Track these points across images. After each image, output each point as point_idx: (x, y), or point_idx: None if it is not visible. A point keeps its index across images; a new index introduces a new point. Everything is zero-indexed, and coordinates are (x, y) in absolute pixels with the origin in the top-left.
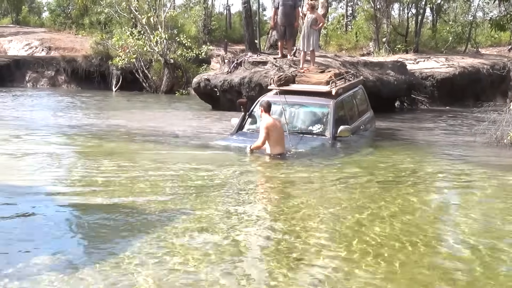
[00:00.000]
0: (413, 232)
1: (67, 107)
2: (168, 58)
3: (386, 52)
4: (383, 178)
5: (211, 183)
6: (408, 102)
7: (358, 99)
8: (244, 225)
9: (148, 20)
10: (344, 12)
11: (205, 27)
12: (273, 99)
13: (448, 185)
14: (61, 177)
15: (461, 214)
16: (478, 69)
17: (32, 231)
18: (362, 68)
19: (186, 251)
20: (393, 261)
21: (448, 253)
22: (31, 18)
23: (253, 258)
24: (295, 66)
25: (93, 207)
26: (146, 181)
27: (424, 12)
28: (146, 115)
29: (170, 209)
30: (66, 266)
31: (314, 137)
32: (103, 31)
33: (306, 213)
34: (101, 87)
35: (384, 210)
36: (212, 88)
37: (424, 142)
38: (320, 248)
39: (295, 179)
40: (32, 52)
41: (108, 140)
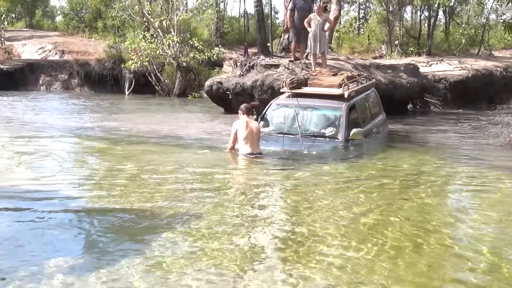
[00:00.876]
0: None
1: (79, 110)
2: (180, 61)
3: (398, 55)
4: (395, 180)
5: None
6: (420, 105)
7: (370, 102)
8: (260, 227)
9: (161, 23)
10: (356, 15)
11: (217, 30)
12: (285, 102)
13: (461, 188)
14: (68, 179)
15: (474, 218)
16: (491, 71)
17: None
18: (374, 70)
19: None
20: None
21: (461, 255)
22: (45, 22)
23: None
24: (307, 69)
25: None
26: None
27: (437, 14)
28: (159, 118)
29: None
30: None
31: (327, 140)
32: (116, 34)
33: (318, 215)
34: (114, 90)
35: (396, 211)
36: (225, 91)
37: (437, 145)
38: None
39: (305, 181)
40: (45, 56)
41: (120, 143)
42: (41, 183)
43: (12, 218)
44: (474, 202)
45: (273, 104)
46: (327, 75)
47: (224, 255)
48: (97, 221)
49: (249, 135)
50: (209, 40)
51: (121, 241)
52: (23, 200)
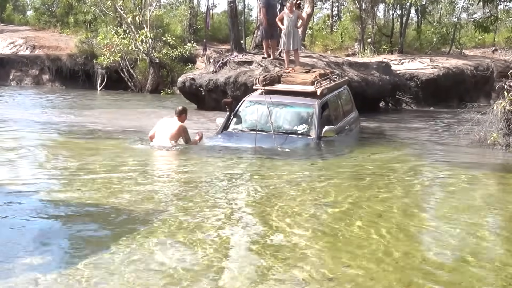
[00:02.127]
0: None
1: (42, 105)
2: (153, 57)
3: (371, 53)
4: (365, 177)
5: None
6: (392, 103)
7: (343, 99)
8: (229, 223)
9: (134, 19)
10: (329, 12)
11: (190, 26)
12: (258, 99)
13: (426, 184)
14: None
15: (435, 216)
16: (462, 70)
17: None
18: (347, 68)
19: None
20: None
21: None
22: (16, 17)
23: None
24: (280, 66)
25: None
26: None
27: (409, 13)
28: (127, 114)
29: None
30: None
31: (299, 137)
32: (88, 29)
33: (286, 211)
34: (86, 86)
35: (361, 206)
36: (197, 88)
37: (408, 142)
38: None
39: (275, 176)
40: (16, 51)
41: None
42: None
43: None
44: (434, 200)
45: (246, 101)
46: (300, 72)
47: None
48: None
49: (159, 130)
50: (182, 36)
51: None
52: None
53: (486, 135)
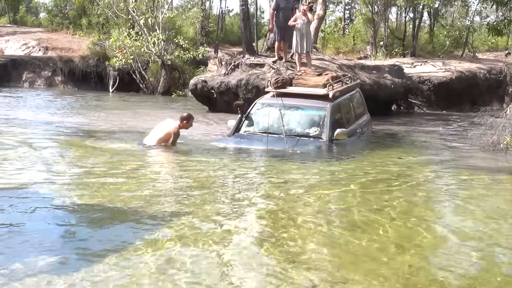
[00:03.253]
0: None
1: (56, 107)
2: (165, 59)
3: (383, 56)
4: (377, 180)
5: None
6: (405, 106)
7: (355, 102)
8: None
9: (146, 21)
10: (341, 15)
11: (202, 28)
12: (270, 102)
13: (439, 188)
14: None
15: (449, 219)
16: (475, 73)
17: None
18: (359, 71)
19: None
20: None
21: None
22: (28, 18)
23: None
24: (292, 68)
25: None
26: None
27: (422, 16)
28: (140, 116)
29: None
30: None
31: (311, 140)
32: (100, 31)
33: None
34: (98, 88)
35: (374, 209)
36: (209, 90)
37: (420, 146)
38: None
39: (289, 180)
40: (29, 52)
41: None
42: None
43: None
44: (450, 201)
45: (258, 104)
46: (312, 75)
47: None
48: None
49: (154, 129)
50: (194, 38)
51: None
52: None
53: (499, 139)
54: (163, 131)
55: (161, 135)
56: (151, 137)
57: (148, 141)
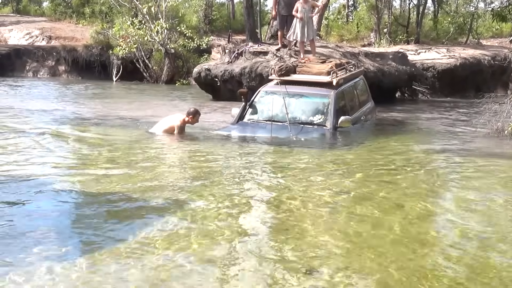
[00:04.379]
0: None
1: (62, 96)
2: (168, 48)
3: (387, 43)
4: (381, 167)
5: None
6: (409, 93)
7: (359, 90)
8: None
9: (149, 9)
10: (345, 2)
11: (206, 17)
12: (274, 89)
13: (444, 175)
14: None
15: (454, 205)
16: (479, 60)
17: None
18: (363, 58)
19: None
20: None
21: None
22: (32, 7)
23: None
24: (296, 56)
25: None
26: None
27: (426, 2)
28: (145, 104)
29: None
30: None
31: (315, 127)
32: (103, 20)
33: (303, 199)
34: (102, 76)
35: (377, 196)
36: (213, 78)
37: (424, 133)
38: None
39: (291, 165)
40: (32, 42)
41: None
42: (17, 168)
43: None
44: (454, 191)
45: (262, 92)
46: (315, 63)
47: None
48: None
49: (162, 119)
50: (197, 26)
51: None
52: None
53: (504, 125)
54: (169, 123)
55: (166, 127)
56: (158, 127)
57: (154, 130)
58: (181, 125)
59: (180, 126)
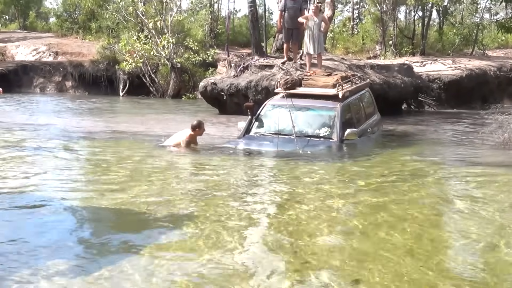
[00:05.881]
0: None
1: (72, 111)
2: (175, 62)
3: (392, 55)
4: (388, 180)
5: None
6: (415, 105)
7: (365, 102)
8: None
9: (155, 24)
10: (350, 15)
11: (211, 31)
12: (280, 103)
13: (451, 187)
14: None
15: (463, 217)
16: (485, 71)
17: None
18: (368, 71)
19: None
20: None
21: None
22: (38, 24)
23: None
24: (301, 69)
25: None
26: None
27: (431, 14)
28: (152, 119)
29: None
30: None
31: (321, 140)
32: (110, 35)
33: (314, 215)
34: (108, 91)
35: (385, 209)
36: (219, 92)
37: (431, 145)
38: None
39: (298, 178)
40: (39, 57)
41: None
42: (29, 183)
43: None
44: (461, 202)
45: (268, 105)
46: (321, 76)
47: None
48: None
49: (174, 135)
50: (203, 40)
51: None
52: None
53: (510, 136)
54: (177, 140)
55: (175, 143)
56: (167, 143)
57: (164, 145)
58: (188, 140)
59: (186, 141)
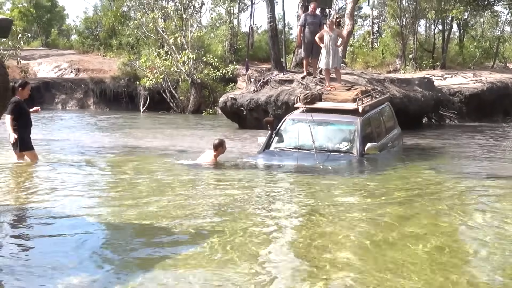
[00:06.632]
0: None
1: (92, 128)
2: (195, 78)
3: (412, 69)
4: (411, 194)
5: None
6: (436, 118)
7: (385, 116)
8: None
9: (175, 40)
10: (370, 29)
11: (231, 46)
12: (299, 117)
13: (475, 203)
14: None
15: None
16: (506, 84)
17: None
18: (388, 85)
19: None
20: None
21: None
22: (60, 41)
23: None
24: (321, 84)
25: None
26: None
27: (451, 28)
28: (175, 135)
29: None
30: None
31: (342, 155)
32: (130, 52)
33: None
34: (129, 107)
35: (405, 224)
36: (239, 107)
37: (452, 158)
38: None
39: (322, 196)
40: (61, 74)
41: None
42: (51, 198)
43: (25, 235)
44: (484, 218)
45: (288, 120)
46: (341, 90)
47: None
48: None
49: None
50: (223, 56)
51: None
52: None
53: None
54: (203, 161)
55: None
56: (201, 158)
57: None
58: (214, 161)
59: (212, 163)
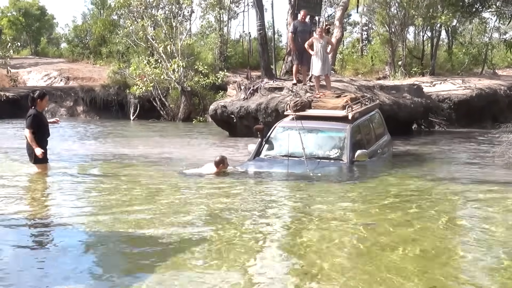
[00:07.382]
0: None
1: (81, 137)
2: (185, 85)
3: (402, 76)
4: (398, 200)
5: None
6: (425, 125)
7: (374, 123)
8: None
9: (165, 48)
10: (359, 36)
11: (221, 54)
12: (289, 125)
13: (464, 208)
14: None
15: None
16: (495, 90)
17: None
18: (378, 91)
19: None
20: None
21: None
22: (50, 49)
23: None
24: (311, 91)
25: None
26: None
27: (440, 34)
28: (165, 143)
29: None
30: None
31: (332, 162)
32: (120, 60)
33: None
34: (119, 116)
35: (399, 232)
36: (229, 115)
37: (441, 165)
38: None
39: (311, 203)
40: (51, 83)
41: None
42: (47, 208)
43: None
44: (477, 222)
45: (278, 127)
46: (330, 97)
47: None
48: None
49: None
50: (213, 64)
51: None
52: (28, 227)
53: None
54: (207, 168)
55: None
56: (205, 168)
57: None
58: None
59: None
